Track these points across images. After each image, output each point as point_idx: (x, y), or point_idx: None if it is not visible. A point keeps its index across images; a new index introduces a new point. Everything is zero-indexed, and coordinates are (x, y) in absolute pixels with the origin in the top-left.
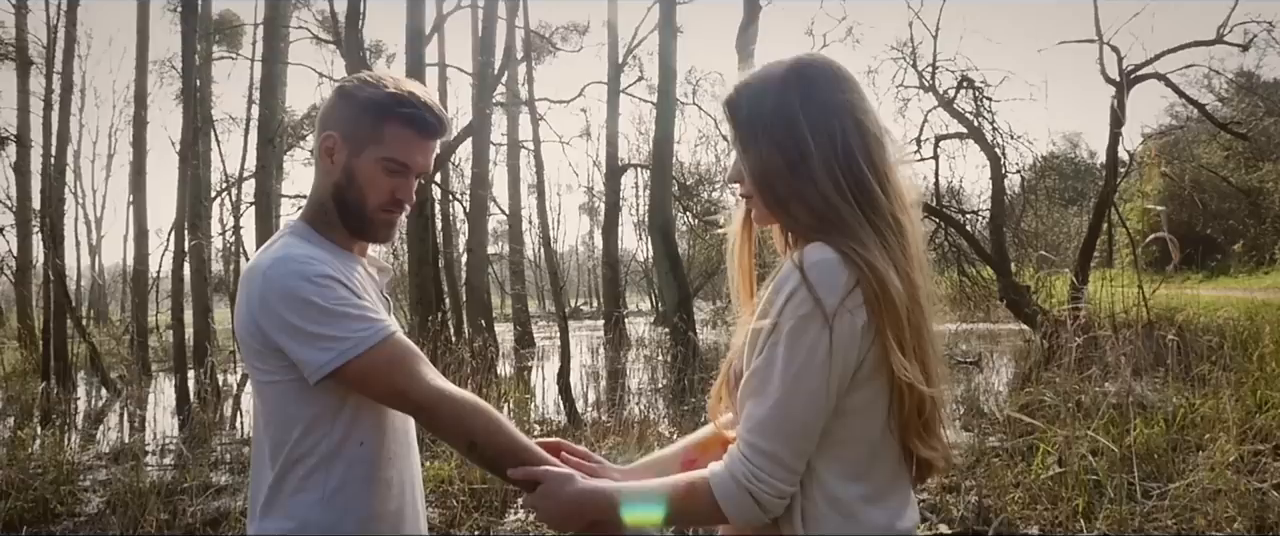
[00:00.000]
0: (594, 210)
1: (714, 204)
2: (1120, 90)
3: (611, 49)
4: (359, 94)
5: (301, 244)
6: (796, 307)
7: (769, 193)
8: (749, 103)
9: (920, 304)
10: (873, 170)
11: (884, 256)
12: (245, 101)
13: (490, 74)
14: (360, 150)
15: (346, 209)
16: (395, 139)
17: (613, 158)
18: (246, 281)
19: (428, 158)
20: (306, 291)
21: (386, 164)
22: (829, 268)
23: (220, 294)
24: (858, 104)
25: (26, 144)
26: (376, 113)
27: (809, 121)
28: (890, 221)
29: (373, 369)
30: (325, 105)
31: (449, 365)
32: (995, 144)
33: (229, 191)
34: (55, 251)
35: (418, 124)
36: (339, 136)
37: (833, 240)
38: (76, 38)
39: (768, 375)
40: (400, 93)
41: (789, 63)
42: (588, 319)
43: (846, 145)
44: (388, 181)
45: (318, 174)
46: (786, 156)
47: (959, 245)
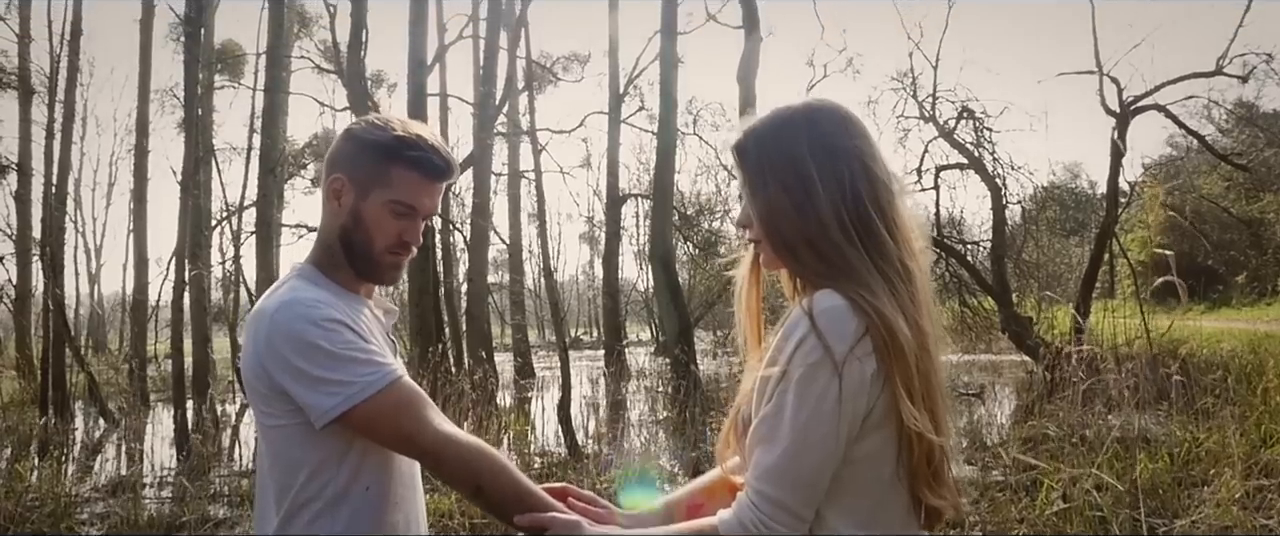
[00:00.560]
0: (594, 239)
1: (715, 233)
2: (1120, 121)
3: (612, 79)
4: (366, 136)
5: (308, 287)
6: (806, 355)
7: (777, 237)
8: (757, 147)
9: (929, 351)
10: (881, 216)
11: (892, 303)
12: (246, 130)
13: (491, 104)
14: (367, 193)
15: (353, 251)
16: (402, 182)
17: (613, 187)
18: (253, 324)
19: (435, 200)
20: (313, 335)
21: (394, 206)
22: (838, 315)
23: (219, 323)
24: (866, 149)
25: (28, 172)
26: (384, 155)
27: (817, 166)
28: (898, 268)
29: (379, 413)
30: (332, 147)
31: (449, 396)
32: (996, 174)
33: (229, 220)
34: (55, 280)
35: (425, 167)
36: (346, 179)
37: (841, 286)
38: (79, 67)
39: (777, 422)
40: (407, 135)
41: (797, 107)
42: (588, 348)
43: (855, 190)
44: (395, 224)
45: (325, 216)
46: (795, 201)
47: (960, 275)
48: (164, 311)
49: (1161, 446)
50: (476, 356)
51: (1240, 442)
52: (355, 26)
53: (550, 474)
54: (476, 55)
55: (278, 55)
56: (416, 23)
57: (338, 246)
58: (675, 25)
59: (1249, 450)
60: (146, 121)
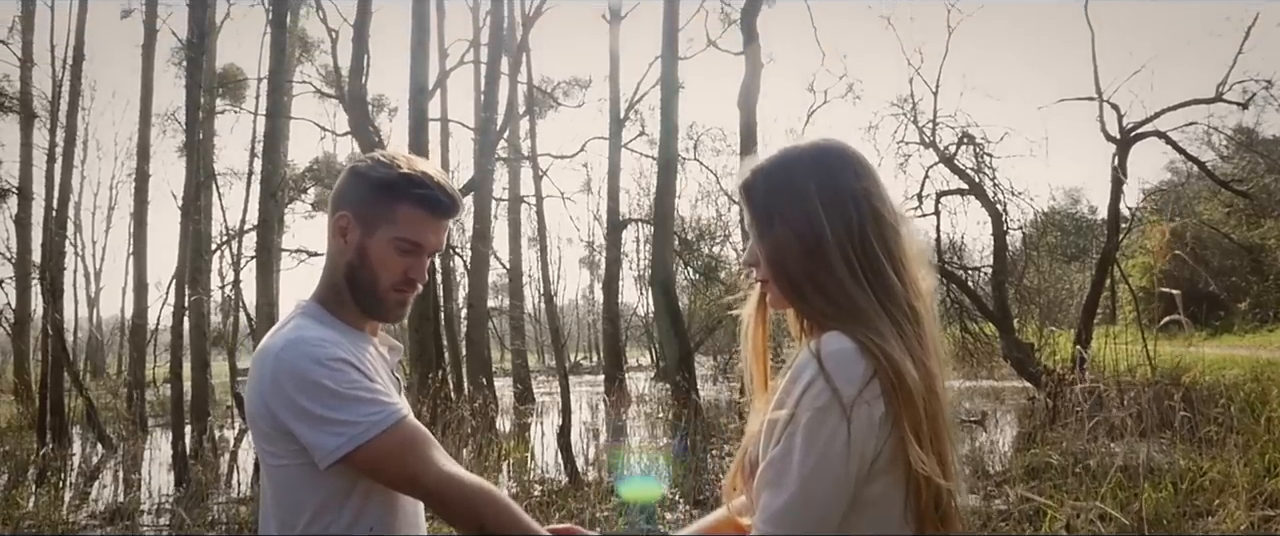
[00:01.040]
0: (594, 263)
1: (715, 258)
2: (1121, 148)
3: (613, 104)
4: (372, 174)
5: (314, 325)
6: (814, 398)
7: (785, 278)
8: (765, 187)
9: (936, 392)
10: (888, 257)
11: (900, 345)
12: (247, 154)
13: (492, 130)
14: (373, 230)
15: (359, 288)
16: (408, 219)
17: (614, 212)
18: (258, 363)
19: (440, 237)
20: (318, 374)
21: (399, 243)
22: (846, 357)
23: (218, 348)
24: (874, 191)
25: (29, 196)
26: (390, 193)
27: (825, 207)
28: (905, 309)
29: (384, 453)
30: (338, 184)
31: (449, 423)
32: (997, 200)
33: (229, 244)
34: (54, 305)
35: (431, 204)
36: (352, 216)
37: (849, 328)
38: (81, 91)
39: (785, 466)
40: (413, 173)
41: (804, 146)
42: (588, 373)
43: (863, 232)
44: (401, 261)
45: (330, 253)
46: (803, 242)
47: (961, 301)
48: (163, 335)
49: (1166, 475)
50: (476, 382)
51: (1244, 472)
52: (357, 51)
53: (551, 502)
54: (477, 80)
55: (279, 80)
56: (418, 48)
57: (343, 283)
58: (676, 50)
59: (1254, 480)
60: (148, 146)
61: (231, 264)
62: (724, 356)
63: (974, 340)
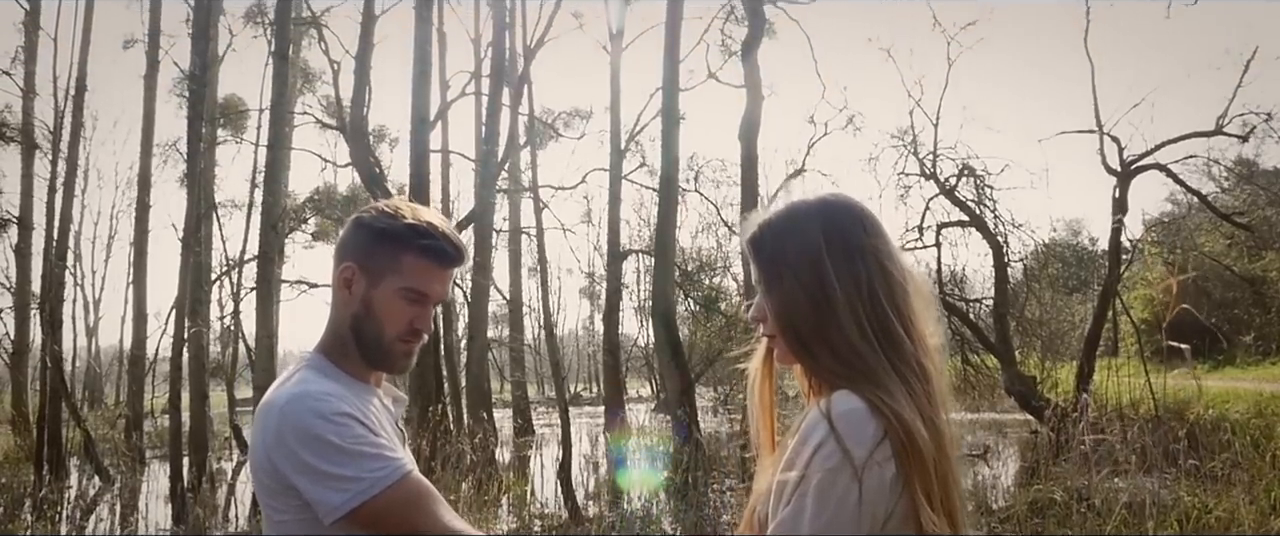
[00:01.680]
0: (594, 294)
1: (716, 289)
2: (1121, 180)
3: (614, 135)
4: (376, 225)
5: (318, 379)
6: (825, 459)
7: (793, 335)
8: (773, 242)
9: (946, 452)
10: (897, 314)
11: (910, 405)
12: (248, 184)
13: (493, 162)
14: (379, 280)
15: (364, 339)
16: (414, 269)
17: (614, 244)
18: (262, 417)
19: (445, 287)
20: (322, 429)
21: (405, 293)
22: (857, 418)
23: (217, 379)
24: (882, 248)
25: (29, 226)
26: (395, 243)
27: (834, 264)
28: (915, 367)
29: (388, 510)
30: (342, 236)
31: (449, 457)
32: (998, 232)
33: (229, 274)
34: (53, 337)
35: (436, 254)
36: (357, 267)
37: (859, 387)
38: (82, 122)
39: (795, 527)
40: (418, 223)
41: (812, 202)
42: (588, 404)
43: (871, 290)
44: (407, 311)
45: (335, 304)
46: (812, 299)
47: (963, 334)
48: (161, 365)
49: (1171, 513)
50: (476, 415)
51: (1251, 510)
52: (358, 83)
53: None
54: (478, 111)
55: (281, 112)
56: (419, 80)
57: (348, 335)
58: (677, 82)
59: (1260, 518)
60: (149, 177)
61: (231, 294)
62: (725, 388)
63: (975, 372)
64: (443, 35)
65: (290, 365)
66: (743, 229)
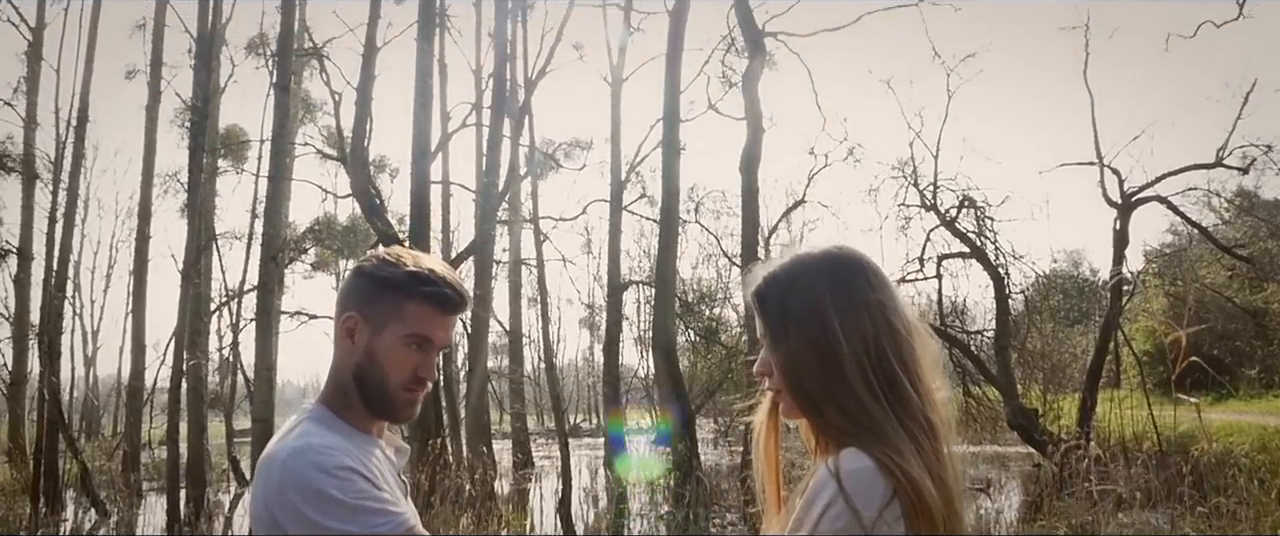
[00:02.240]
0: (594, 325)
1: (716, 320)
2: (1122, 212)
3: (614, 166)
4: (379, 273)
5: (321, 431)
6: (833, 520)
7: (799, 390)
8: (779, 296)
9: (954, 508)
10: (904, 369)
11: (918, 463)
12: (248, 215)
13: (494, 194)
14: (382, 329)
15: (368, 388)
16: (417, 315)
17: (614, 275)
18: (263, 470)
19: (448, 333)
20: (324, 484)
21: (409, 340)
22: (866, 477)
23: (215, 410)
24: (888, 302)
25: (28, 256)
26: (397, 291)
27: (841, 319)
28: (923, 423)
29: None
30: (344, 285)
31: (448, 491)
32: (999, 263)
33: (228, 304)
34: (51, 368)
35: (439, 301)
36: (360, 316)
37: (866, 444)
38: (83, 153)
39: None
40: (420, 270)
41: (817, 255)
42: (587, 435)
43: (878, 345)
44: (411, 358)
45: (337, 354)
46: (819, 355)
47: (964, 365)
48: (160, 396)
49: None
50: (475, 448)
51: None
52: (359, 114)
53: None
54: (479, 142)
55: (282, 143)
56: (420, 111)
57: (351, 384)
58: (677, 113)
59: None
60: (149, 208)
61: (231, 325)
62: (725, 419)
63: (977, 405)
64: (443, 66)
65: (292, 416)
66: (746, 282)
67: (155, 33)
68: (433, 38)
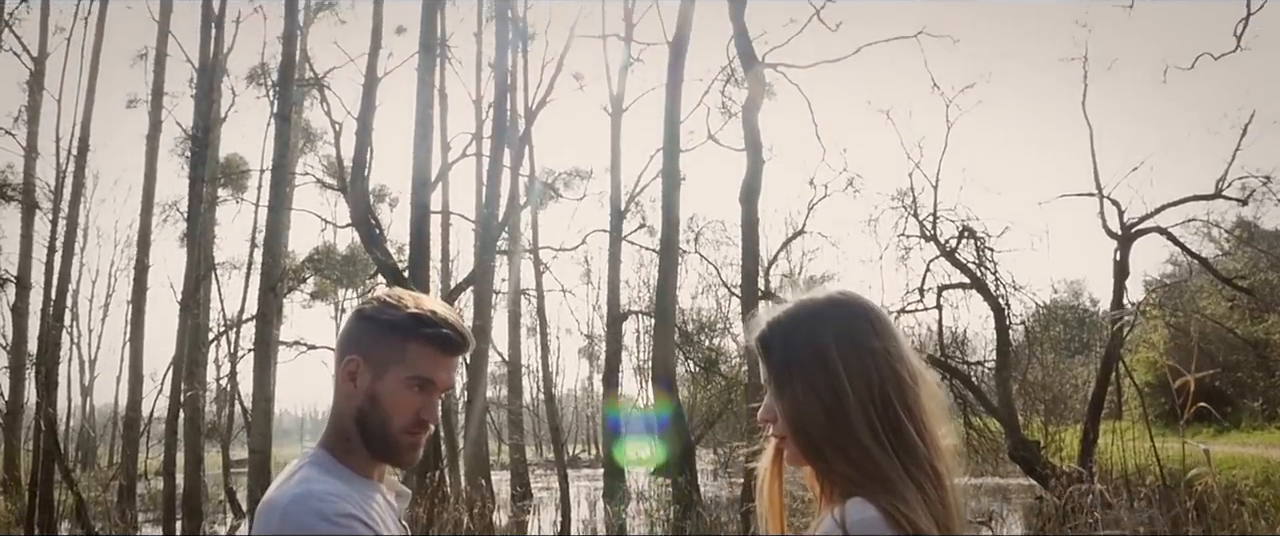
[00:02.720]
0: (594, 355)
1: (716, 350)
2: (1122, 243)
3: (614, 196)
4: (380, 316)
5: (321, 477)
6: None
7: (804, 438)
8: (783, 343)
9: None
10: (910, 417)
11: (925, 512)
12: (247, 244)
13: (494, 224)
14: (384, 372)
15: (369, 432)
16: (419, 357)
17: (614, 305)
18: (264, 516)
19: (450, 374)
20: (325, 531)
21: (411, 382)
22: (872, 528)
23: (212, 440)
24: (893, 349)
25: (27, 286)
26: (400, 333)
27: (846, 366)
28: (928, 471)
29: None
30: (345, 329)
31: (446, 523)
32: (999, 294)
33: (227, 334)
34: (48, 399)
35: (442, 342)
36: (361, 360)
37: (872, 493)
38: (83, 182)
39: None
40: (422, 312)
41: (821, 301)
42: (586, 467)
43: (883, 393)
44: (413, 401)
45: (338, 398)
46: (824, 402)
47: (965, 396)
48: (156, 426)
49: None
50: (474, 481)
51: None
52: (360, 144)
53: None
54: (479, 172)
55: (282, 173)
56: (421, 142)
57: (353, 429)
58: (677, 144)
59: None
60: (148, 237)
61: (229, 355)
62: (725, 450)
63: (978, 436)
64: (444, 96)
65: (293, 464)
66: (750, 327)
67: (157, 62)
68: (433, 68)
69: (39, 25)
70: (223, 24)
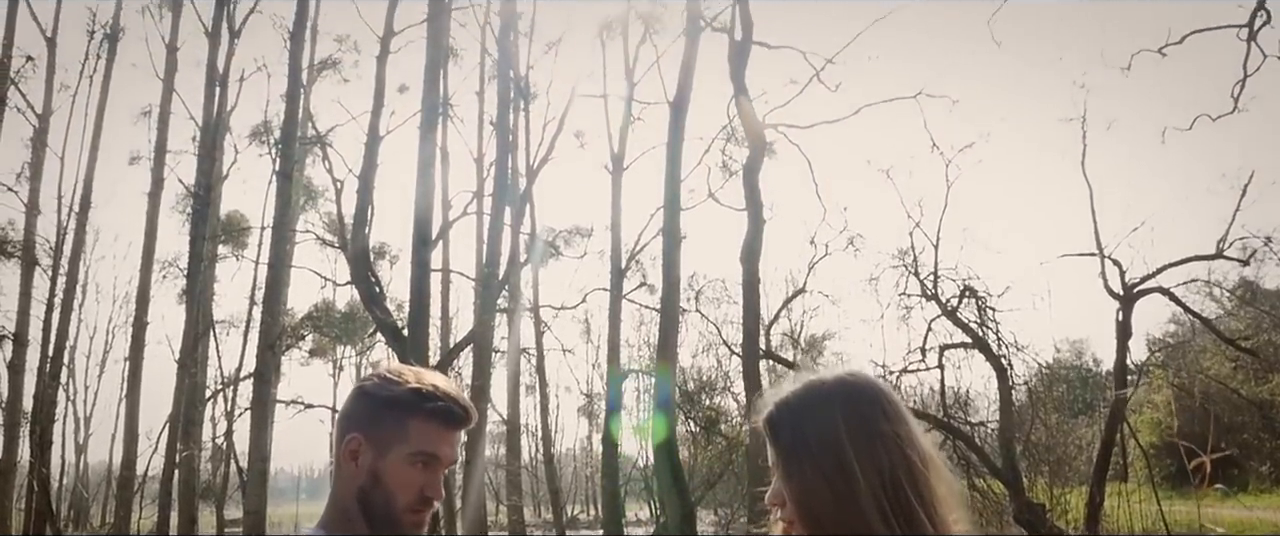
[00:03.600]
0: (593, 413)
1: (716, 410)
2: (1124, 303)
3: (614, 254)
4: (382, 392)
5: None
6: None
7: (813, 524)
8: (792, 425)
9: None
10: (922, 504)
11: None
12: (247, 301)
13: (494, 283)
14: (387, 449)
15: (373, 511)
16: (422, 433)
17: (614, 364)
18: None
19: (454, 449)
20: None
21: (415, 458)
22: None
23: (207, 500)
24: (904, 433)
25: (24, 342)
26: (401, 409)
27: (856, 451)
28: None
29: None
30: (345, 407)
31: None
32: (1001, 354)
33: (224, 392)
34: (41, 458)
35: (445, 417)
36: (363, 438)
37: None
38: (84, 239)
39: None
40: (424, 387)
41: (830, 382)
42: (585, 527)
43: (894, 478)
44: (417, 477)
45: (338, 478)
46: (833, 488)
47: (968, 458)
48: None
49: None
50: None
51: None
52: (361, 202)
53: None
54: (480, 230)
55: (283, 231)
56: (422, 200)
57: (355, 509)
58: (678, 205)
59: None
60: (147, 294)
61: (226, 413)
62: (726, 511)
63: (982, 498)
64: (445, 153)
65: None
66: (757, 407)
67: (160, 120)
68: (436, 127)
69: (45, 83)
70: (227, 83)
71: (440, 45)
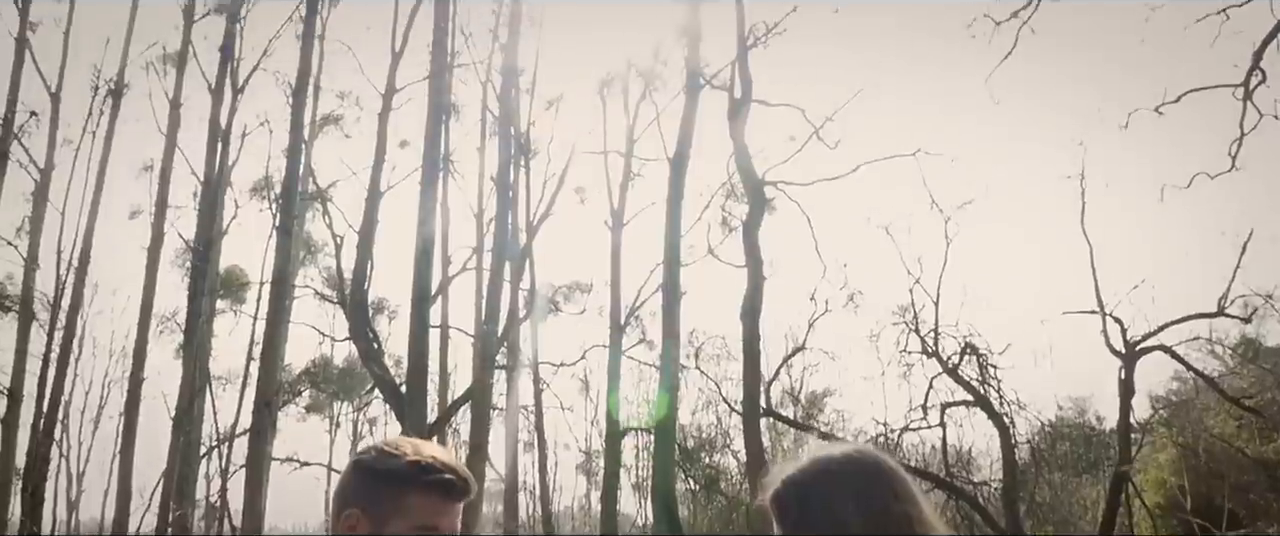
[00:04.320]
0: (592, 471)
1: (716, 468)
2: (1127, 362)
3: (614, 311)
4: (379, 466)
5: None
6: None
7: None
8: (799, 505)
9: None
10: None
11: None
12: (244, 357)
13: (493, 340)
14: (385, 524)
15: None
16: (421, 507)
17: (613, 421)
18: None
19: (454, 521)
20: None
21: (415, 532)
22: None
23: None
24: (915, 514)
25: (18, 398)
26: (399, 483)
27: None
28: None
29: None
30: (342, 482)
31: None
32: (1003, 412)
33: (219, 448)
34: (32, 517)
35: (445, 489)
36: (361, 513)
37: None
38: (83, 293)
39: None
40: (422, 460)
41: (840, 462)
42: None
43: None
44: None
45: None
46: None
47: (972, 518)
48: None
49: None
50: None
51: None
52: (360, 257)
53: None
54: (479, 285)
55: (282, 286)
56: (422, 258)
57: None
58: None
59: None
60: (144, 349)
61: (220, 470)
62: None
63: None
64: (446, 209)
65: None
66: (764, 484)
67: (162, 175)
68: (436, 182)
69: (47, 137)
70: (229, 139)
71: (442, 102)
